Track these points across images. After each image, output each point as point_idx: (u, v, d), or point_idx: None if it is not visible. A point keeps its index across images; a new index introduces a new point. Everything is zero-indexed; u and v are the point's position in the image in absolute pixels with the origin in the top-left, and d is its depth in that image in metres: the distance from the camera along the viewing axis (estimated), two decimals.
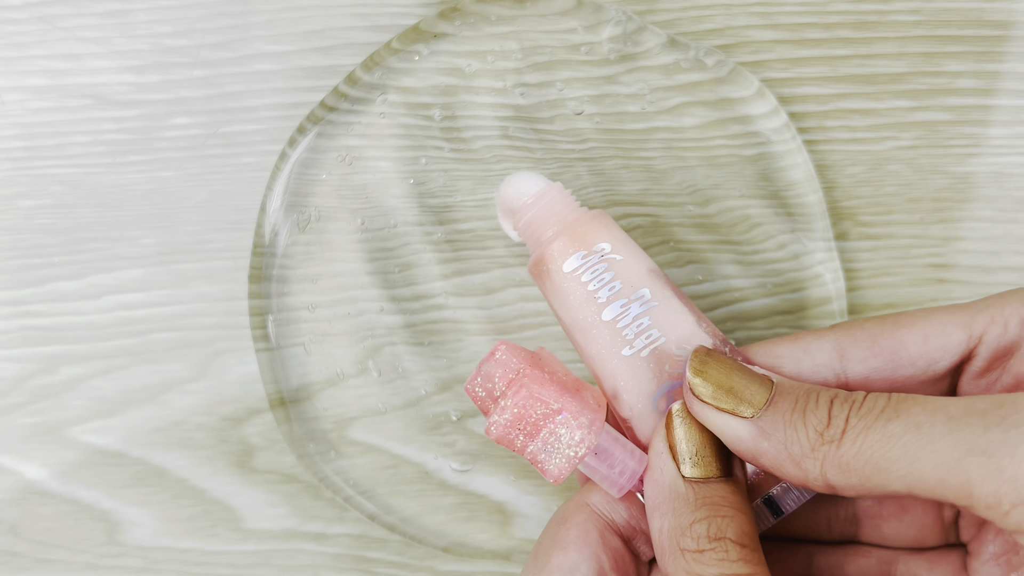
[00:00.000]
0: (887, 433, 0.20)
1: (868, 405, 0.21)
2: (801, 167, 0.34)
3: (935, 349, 0.24)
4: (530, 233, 0.28)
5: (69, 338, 0.35)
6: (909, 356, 0.24)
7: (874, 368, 0.24)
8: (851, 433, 0.20)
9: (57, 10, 0.35)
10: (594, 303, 0.27)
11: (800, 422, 0.22)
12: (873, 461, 0.20)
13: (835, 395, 0.22)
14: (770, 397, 0.22)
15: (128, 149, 0.35)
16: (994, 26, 0.34)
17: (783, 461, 0.22)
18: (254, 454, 0.35)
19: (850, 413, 0.21)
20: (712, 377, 0.23)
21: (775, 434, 0.22)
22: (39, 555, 0.36)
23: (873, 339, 0.24)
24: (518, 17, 0.34)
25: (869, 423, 0.20)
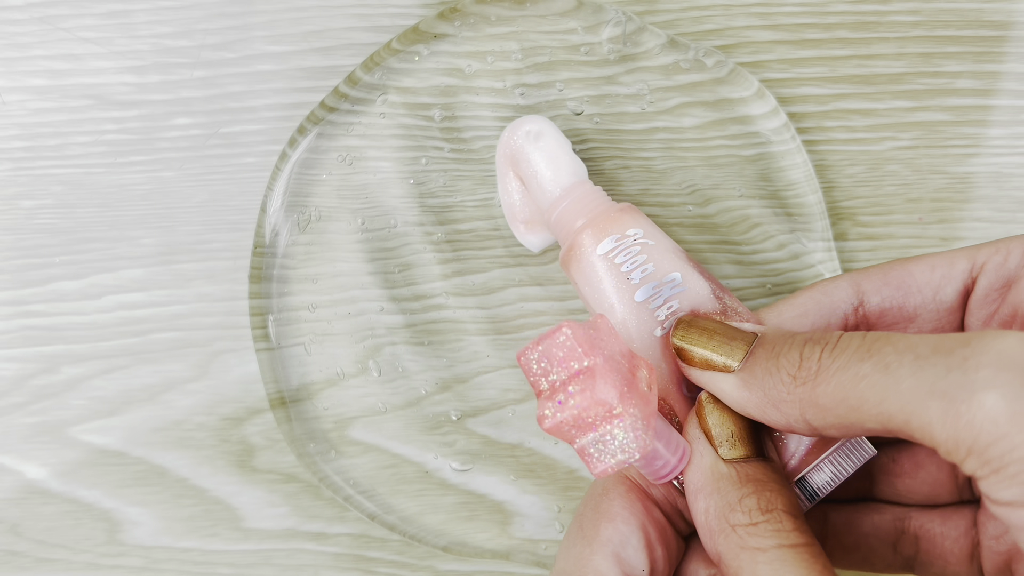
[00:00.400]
0: (858, 372, 0.20)
1: (842, 345, 0.21)
2: (800, 167, 0.34)
3: (940, 276, 0.25)
4: (561, 225, 0.29)
5: (70, 338, 0.35)
6: (916, 284, 0.25)
7: (886, 297, 0.25)
8: (824, 373, 0.21)
9: (58, 11, 0.35)
10: (627, 284, 0.27)
11: (775, 367, 0.22)
12: (846, 401, 0.20)
13: (808, 337, 0.22)
14: (751, 349, 0.23)
15: (129, 149, 0.35)
16: (993, 26, 0.34)
17: (766, 408, 0.22)
18: (255, 454, 0.36)
19: (822, 353, 0.21)
20: (694, 339, 0.24)
21: (755, 383, 0.22)
22: (40, 554, 0.36)
23: (884, 271, 0.25)
24: (518, 18, 0.34)
25: (842, 363, 0.20)
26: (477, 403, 0.35)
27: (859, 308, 0.25)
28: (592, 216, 0.29)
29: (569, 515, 0.35)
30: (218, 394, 0.36)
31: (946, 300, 0.25)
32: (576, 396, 0.23)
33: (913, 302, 0.25)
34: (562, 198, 0.29)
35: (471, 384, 0.35)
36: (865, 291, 0.25)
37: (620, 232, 0.28)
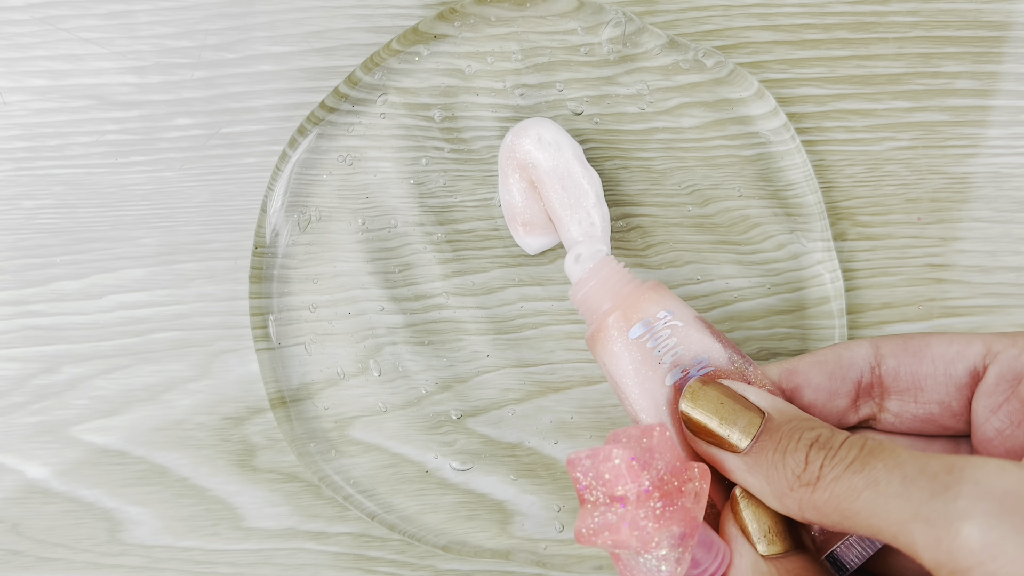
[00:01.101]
0: (852, 486, 0.21)
1: (841, 454, 0.22)
2: (800, 167, 0.34)
3: (955, 352, 0.26)
4: (588, 306, 0.29)
5: (71, 338, 0.36)
6: (931, 354, 0.26)
7: (902, 362, 0.26)
8: (823, 480, 0.22)
9: (59, 11, 0.35)
10: (657, 369, 0.27)
11: (780, 463, 0.23)
12: (840, 510, 0.21)
13: (815, 438, 0.23)
14: (757, 433, 0.24)
15: (130, 150, 0.35)
16: (992, 27, 0.34)
17: (767, 495, 0.24)
18: (255, 453, 0.36)
19: (824, 460, 0.22)
20: (704, 410, 0.25)
21: (759, 470, 0.24)
22: (41, 554, 0.36)
23: (905, 340, 0.27)
24: (518, 18, 0.34)
25: (838, 473, 0.22)
26: (477, 403, 0.35)
27: (875, 369, 0.27)
28: (619, 298, 0.28)
29: (569, 514, 0.35)
30: (219, 394, 0.36)
31: (956, 376, 0.26)
32: (610, 529, 0.23)
33: (925, 371, 0.26)
34: (588, 278, 0.29)
35: (471, 384, 0.35)
36: (883, 354, 0.27)
37: (651, 315, 0.28)
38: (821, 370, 0.27)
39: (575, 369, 0.35)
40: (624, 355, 0.27)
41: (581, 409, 0.35)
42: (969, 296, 0.35)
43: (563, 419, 0.35)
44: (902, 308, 0.35)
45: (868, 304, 0.35)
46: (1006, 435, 0.25)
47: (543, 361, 0.35)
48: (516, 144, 0.33)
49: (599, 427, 0.35)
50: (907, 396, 0.27)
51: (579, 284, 0.29)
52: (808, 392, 0.27)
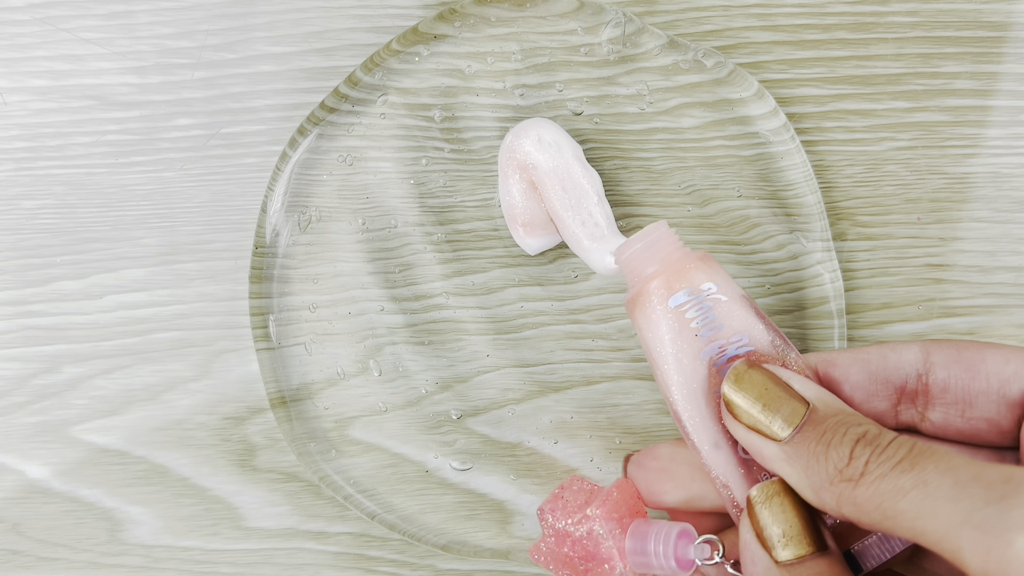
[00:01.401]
0: (898, 485, 0.20)
1: (889, 452, 0.21)
2: (799, 168, 0.34)
3: (1012, 371, 0.25)
4: (632, 268, 0.28)
5: (71, 338, 0.36)
6: (986, 370, 0.25)
7: (954, 374, 0.25)
8: (868, 477, 0.21)
9: (59, 11, 0.35)
10: (694, 341, 0.26)
11: (823, 455, 0.22)
12: (883, 508, 0.21)
13: (862, 434, 0.22)
14: (800, 423, 0.23)
15: (130, 150, 0.35)
16: (991, 27, 0.35)
17: (803, 487, 0.23)
18: (255, 453, 0.36)
19: (871, 457, 0.21)
20: (747, 390, 0.24)
21: (800, 462, 0.23)
22: (41, 553, 0.36)
23: (959, 349, 0.25)
24: (518, 19, 0.34)
25: (885, 472, 0.21)
26: (477, 402, 0.35)
27: (923, 376, 0.26)
28: (666, 264, 0.27)
29: None
30: (219, 394, 0.36)
31: (1010, 396, 0.25)
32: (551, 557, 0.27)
33: (978, 387, 0.25)
34: (636, 239, 0.28)
35: (471, 384, 0.35)
36: (934, 362, 0.25)
37: (695, 285, 0.27)
38: (862, 368, 0.26)
39: (575, 369, 0.35)
40: (662, 322, 0.26)
41: (581, 409, 0.35)
42: (969, 296, 0.35)
43: (563, 419, 0.35)
44: (902, 308, 0.35)
45: (868, 304, 0.35)
46: None
47: (543, 361, 0.35)
48: (516, 145, 0.33)
49: (599, 427, 0.35)
50: (953, 409, 0.25)
51: (626, 245, 0.28)
52: (846, 388, 0.26)
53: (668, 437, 0.35)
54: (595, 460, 0.35)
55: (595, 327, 0.35)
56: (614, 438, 0.35)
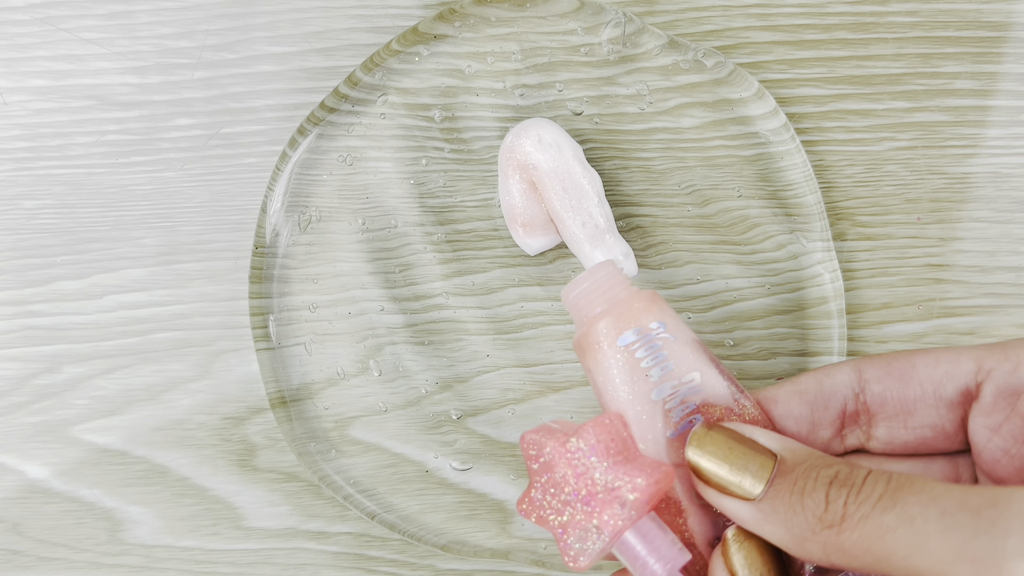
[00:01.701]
0: (883, 524, 0.20)
1: (866, 491, 0.21)
2: (799, 167, 0.34)
3: (943, 373, 0.24)
4: (579, 308, 0.27)
5: (71, 338, 0.36)
6: (918, 377, 0.25)
7: (888, 387, 0.25)
8: (850, 521, 0.20)
9: (59, 11, 0.35)
10: (645, 381, 0.26)
11: (799, 505, 0.22)
12: (872, 550, 0.20)
13: (834, 475, 0.21)
14: (771, 477, 0.22)
15: (130, 150, 0.35)
16: (991, 27, 0.35)
17: (787, 543, 0.22)
18: (255, 453, 0.36)
19: (848, 499, 0.21)
20: (712, 453, 0.23)
21: (777, 518, 0.22)
22: (41, 553, 0.36)
23: (888, 361, 0.25)
24: (518, 19, 0.34)
25: (866, 512, 0.20)
26: (477, 402, 0.35)
27: (859, 395, 0.25)
28: (613, 303, 0.27)
29: None
30: (219, 394, 0.36)
31: (946, 397, 0.25)
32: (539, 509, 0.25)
33: (913, 394, 0.25)
34: (583, 279, 0.27)
35: (471, 384, 0.35)
36: (867, 379, 0.25)
37: (643, 325, 0.26)
38: (801, 400, 0.26)
39: (575, 369, 0.35)
40: (612, 363, 0.26)
41: (581, 409, 0.35)
42: (968, 296, 0.35)
43: (563, 419, 0.35)
44: (902, 308, 0.35)
45: (868, 304, 0.35)
46: (1013, 454, 0.24)
47: (543, 361, 0.35)
48: (516, 145, 0.33)
49: None
50: (896, 422, 0.25)
51: (572, 285, 0.27)
52: (790, 423, 0.26)
53: None
54: None
55: None
56: None
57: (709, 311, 0.35)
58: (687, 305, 0.35)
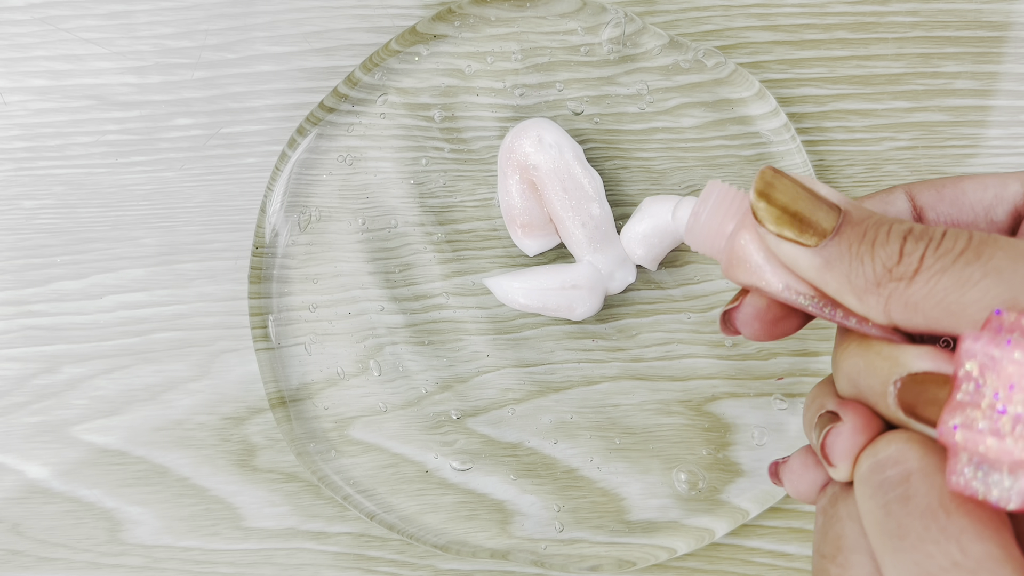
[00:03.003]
0: (964, 276, 0.19)
1: (947, 245, 0.19)
2: (799, 168, 0.34)
3: (993, 196, 0.24)
4: (709, 238, 0.25)
5: (71, 338, 0.36)
6: (969, 202, 0.24)
7: (941, 213, 0.24)
8: (925, 273, 0.19)
9: (59, 11, 0.35)
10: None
11: (867, 255, 0.20)
12: (945, 304, 0.19)
13: (910, 229, 0.20)
14: (837, 225, 0.21)
15: (130, 150, 0.35)
16: (992, 27, 0.35)
17: (845, 294, 0.21)
18: (255, 453, 0.36)
19: (926, 251, 0.20)
20: (777, 200, 0.22)
21: (839, 265, 0.21)
22: (41, 553, 0.36)
23: (938, 188, 0.24)
24: (518, 19, 0.34)
25: (946, 264, 0.19)
26: (477, 402, 0.35)
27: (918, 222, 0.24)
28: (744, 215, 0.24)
29: (568, 514, 0.35)
30: (219, 394, 0.36)
31: (998, 221, 0.24)
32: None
33: (966, 219, 0.24)
34: (698, 210, 0.25)
35: (471, 384, 0.35)
36: (921, 206, 0.24)
37: None
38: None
39: (575, 369, 0.35)
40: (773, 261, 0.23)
41: (581, 409, 0.35)
42: None
43: (563, 419, 0.35)
44: None
45: None
46: None
47: (543, 361, 0.35)
48: (516, 145, 0.33)
49: (599, 427, 0.35)
50: None
51: (691, 220, 0.25)
52: None
53: (669, 437, 0.35)
54: (595, 460, 0.35)
55: (595, 327, 0.35)
56: (614, 438, 0.35)
57: (709, 311, 0.35)
58: (687, 305, 0.35)
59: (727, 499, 0.35)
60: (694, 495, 0.35)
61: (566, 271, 0.33)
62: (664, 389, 0.35)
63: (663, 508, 0.35)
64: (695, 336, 0.35)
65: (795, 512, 0.35)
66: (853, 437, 0.20)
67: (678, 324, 0.35)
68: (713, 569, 0.36)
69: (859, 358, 0.21)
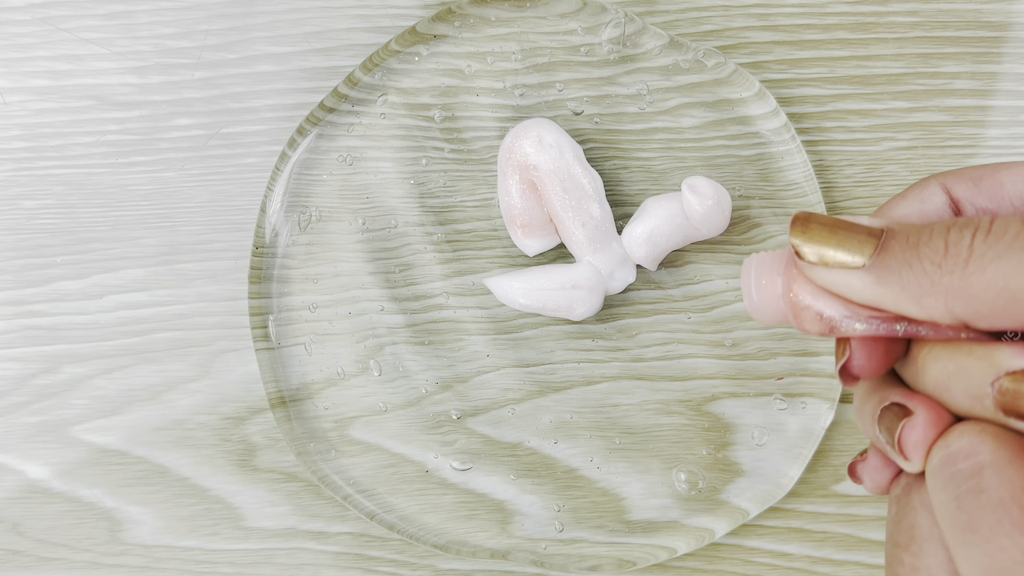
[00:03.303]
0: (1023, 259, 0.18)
1: (998, 230, 0.19)
2: (799, 168, 0.34)
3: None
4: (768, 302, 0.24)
5: (72, 338, 0.36)
6: (1008, 195, 0.23)
7: (980, 207, 0.23)
8: (978, 260, 0.18)
9: (59, 12, 0.35)
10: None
11: (915, 258, 0.20)
12: (1008, 289, 0.18)
13: (952, 223, 0.19)
14: (880, 242, 0.21)
15: (130, 150, 0.35)
16: (991, 27, 0.35)
17: (904, 302, 0.20)
18: (255, 453, 0.36)
19: (974, 239, 0.19)
20: (815, 236, 0.22)
21: (891, 277, 0.20)
22: (41, 553, 0.36)
23: (974, 179, 0.23)
24: (518, 19, 0.34)
25: (1001, 249, 0.18)
26: (477, 402, 0.35)
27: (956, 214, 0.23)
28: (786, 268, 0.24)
29: (568, 514, 0.35)
30: (219, 394, 0.36)
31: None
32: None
33: (1005, 211, 0.23)
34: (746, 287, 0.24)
35: (471, 384, 0.35)
36: (959, 199, 0.23)
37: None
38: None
39: (575, 369, 0.35)
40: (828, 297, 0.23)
41: (581, 409, 0.35)
42: None
43: (563, 419, 0.35)
44: None
45: None
46: None
47: (543, 361, 0.35)
48: (516, 146, 0.33)
49: (599, 427, 0.35)
50: None
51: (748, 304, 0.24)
52: None
53: (669, 437, 0.35)
54: (595, 460, 0.35)
55: (595, 327, 0.35)
56: (614, 438, 0.35)
57: (709, 311, 0.35)
58: (687, 305, 0.35)
59: (727, 499, 0.35)
60: (694, 495, 0.35)
61: (566, 271, 0.33)
62: (664, 389, 0.35)
63: (663, 508, 0.35)
64: (695, 336, 0.35)
65: (795, 512, 0.35)
66: (927, 430, 0.20)
67: (678, 324, 0.35)
68: (713, 569, 0.36)
69: (949, 361, 0.20)
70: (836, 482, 0.35)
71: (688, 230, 0.33)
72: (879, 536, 0.35)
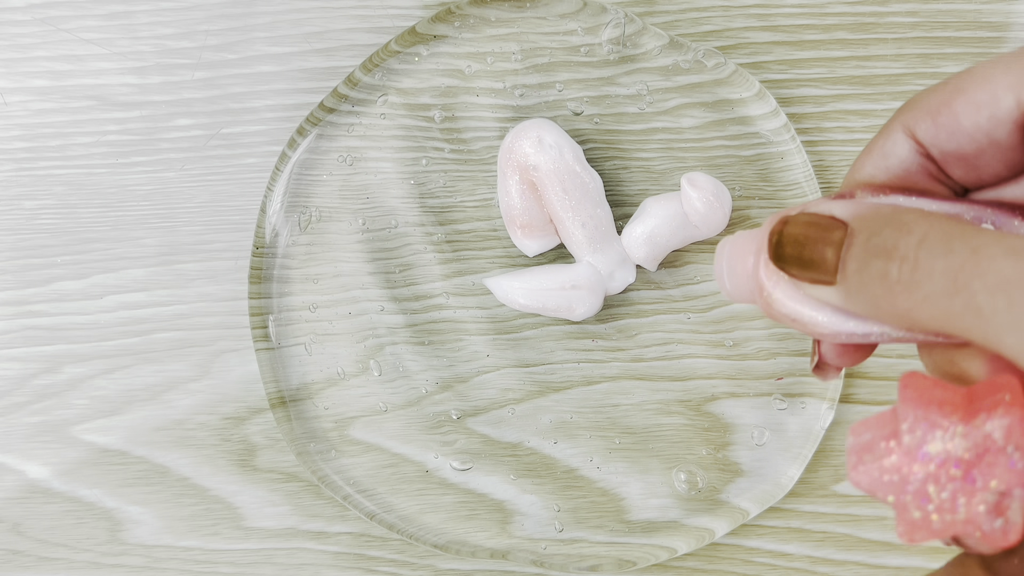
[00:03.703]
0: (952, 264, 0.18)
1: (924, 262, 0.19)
2: (799, 168, 0.34)
3: (987, 119, 0.22)
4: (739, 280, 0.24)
5: (72, 338, 0.36)
6: (967, 130, 0.22)
7: (944, 148, 0.23)
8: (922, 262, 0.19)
9: (60, 12, 0.35)
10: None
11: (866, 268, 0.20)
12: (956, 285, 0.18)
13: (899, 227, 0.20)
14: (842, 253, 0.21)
15: (130, 150, 0.35)
16: (991, 28, 0.35)
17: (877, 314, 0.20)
18: (256, 453, 0.36)
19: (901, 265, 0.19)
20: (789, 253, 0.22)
21: (856, 292, 0.20)
22: (42, 553, 0.36)
23: (933, 115, 0.23)
24: (518, 19, 0.34)
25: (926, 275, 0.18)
26: (477, 402, 0.35)
27: (925, 160, 0.23)
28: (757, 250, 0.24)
29: (568, 514, 0.35)
30: (219, 394, 0.36)
31: (1002, 140, 0.22)
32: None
33: (969, 148, 0.22)
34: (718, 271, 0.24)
35: (471, 384, 0.35)
36: (924, 141, 0.23)
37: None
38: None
39: (575, 369, 0.35)
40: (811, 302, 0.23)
41: (581, 409, 0.35)
42: None
43: (563, 419, 0.35)
44: None
45: None
46: None
47: (543, 361, 0.35)
48: (516, 146, 0.33)
49: (599, 427, 0.35)
50: (968, 170, 0.23)
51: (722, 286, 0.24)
52: None
53: (669, 437, 0.35)
54: (595, 460, 0.35)
55: (595, 327, 0.35)
56: (614, 438, 0.35)
57: (709, 311, 0.35)
58: (687, 305, 0.35)
59: (727, 499, 0.35)
60: (694, 495, 0.35)
61: (566, 271, 0.33)
62: (664, 389, 0.35)
63: (663, 508, 0.35)
64: (695, 336, 0.35)
65: (795, 512, 0.35)
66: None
67: (678, 324, 0.35)
68: (713, 569, 0.36)
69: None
70: (836, 482, 0.35)
71: (688, 230, 0.33)
72: (879, 536, 0.35)
